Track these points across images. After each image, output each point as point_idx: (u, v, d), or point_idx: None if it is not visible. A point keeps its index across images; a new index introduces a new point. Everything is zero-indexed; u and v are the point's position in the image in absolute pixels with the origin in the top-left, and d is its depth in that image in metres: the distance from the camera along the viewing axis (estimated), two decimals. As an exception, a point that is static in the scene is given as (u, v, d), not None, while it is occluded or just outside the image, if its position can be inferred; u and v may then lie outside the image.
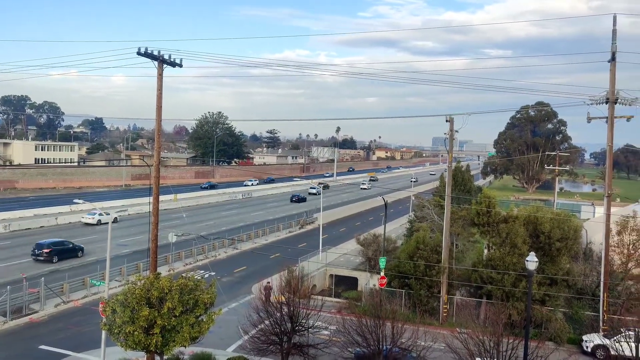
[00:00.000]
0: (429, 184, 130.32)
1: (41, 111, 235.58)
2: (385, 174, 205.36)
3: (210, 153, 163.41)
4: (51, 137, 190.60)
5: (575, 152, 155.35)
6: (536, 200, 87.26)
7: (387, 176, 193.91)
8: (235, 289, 42.40)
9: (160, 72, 26.14)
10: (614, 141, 32.22)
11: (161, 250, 35.43)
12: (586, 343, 31.58)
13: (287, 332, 24.87)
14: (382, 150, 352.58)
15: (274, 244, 61.00)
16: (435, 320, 35.62)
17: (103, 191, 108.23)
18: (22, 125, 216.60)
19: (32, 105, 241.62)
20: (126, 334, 19.94)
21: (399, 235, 60.17)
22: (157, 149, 27.10)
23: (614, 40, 30.98)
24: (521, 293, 33.04)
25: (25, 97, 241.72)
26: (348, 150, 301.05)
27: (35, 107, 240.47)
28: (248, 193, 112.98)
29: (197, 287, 21.62)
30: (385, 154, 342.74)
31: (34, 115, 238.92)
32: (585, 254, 43.27)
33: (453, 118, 35.55)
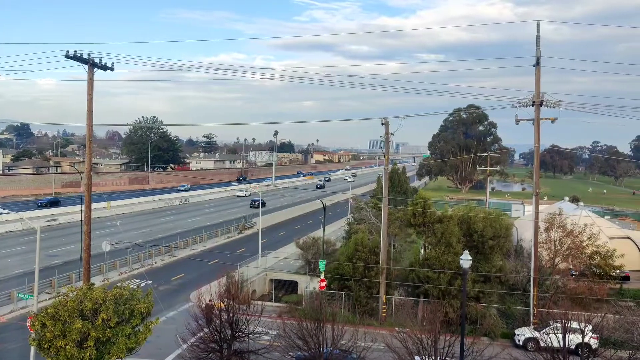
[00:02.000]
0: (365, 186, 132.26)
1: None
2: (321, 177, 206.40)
3: (145, 158, 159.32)
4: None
5: (505, 153, 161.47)
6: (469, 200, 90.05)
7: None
8: (173, 297, 41.51)
9: (91, 76, 25.34)
10: (540, 142, 33.64)
11: (95, 259, 34.29)
12: (518, 337, 32.82)
13: (227, 339, 24.58)
14: (320, 154, 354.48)
15: (213, 250, 60.11)
16: (375, 321, 36.07)
17: (31, 200, 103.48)
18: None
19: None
20: (57, 348, 19.17)
21: (338, 237, 60.64)
22: (88, 155, 26.22)
23: (538, 45, 32.42)
24: (457, 291, 33.97)
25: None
26: (286, 154, 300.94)
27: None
28: (185, 199, 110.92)
29: (133, 297, 21.08)
30: (324, 157, 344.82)
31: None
32: (516, 251, 45.00)
33: (389, 121, 36.16)
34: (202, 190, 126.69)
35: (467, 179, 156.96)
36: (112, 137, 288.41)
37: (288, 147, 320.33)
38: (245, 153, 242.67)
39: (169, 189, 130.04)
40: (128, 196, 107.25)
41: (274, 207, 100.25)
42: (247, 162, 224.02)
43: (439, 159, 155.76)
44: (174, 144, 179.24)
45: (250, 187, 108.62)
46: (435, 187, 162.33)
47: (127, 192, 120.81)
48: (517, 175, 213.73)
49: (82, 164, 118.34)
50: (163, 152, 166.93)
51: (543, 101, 32.22)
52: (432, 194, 59.95)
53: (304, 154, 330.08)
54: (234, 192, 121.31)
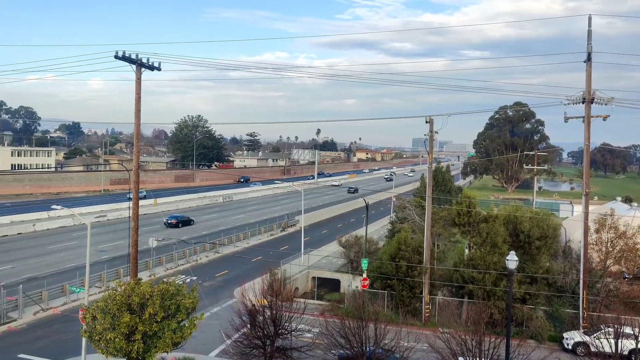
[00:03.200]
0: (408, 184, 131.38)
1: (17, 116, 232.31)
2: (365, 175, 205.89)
3: (190, 157, 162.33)
4: (27, 142, 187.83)
5: (553, 152, 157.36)
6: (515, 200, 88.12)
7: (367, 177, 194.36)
8: (217, 294, 42.13)
9: (139, 76, 25.91)
10: (590, 140, 32.61)
11: (142, 255, 35.16)
12: (567, 340, 31.94)
13: (270, 336, 24.77)
14: (362, 152, 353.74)
15: (256, 247, 60.77)
16: (418, 321, 35.75)
17: (81, 196, 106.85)
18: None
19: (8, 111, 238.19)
20: (107, 340, 19.68)
21: (381, 236, 60.33)
22: (135, 153, 26.84)
23: (589, 40, 31.42)
24: (502, 292, 33.31)
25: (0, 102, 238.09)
26: (329, 152, 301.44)
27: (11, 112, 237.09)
28: (229, 196, 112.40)
29: (178, 292, 21.42)
30: (366, 156, 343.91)
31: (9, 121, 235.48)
32: (564, 252, 43.77)
33: (433, 119, 35.74)
34: (245, 188, 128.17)
35: (513, 178, 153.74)
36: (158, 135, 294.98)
37: (330, 145, 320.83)
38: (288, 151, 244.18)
39: (213, 187, 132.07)
40: (174, 193, 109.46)
41: (316, 205, 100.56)
42: (290, 160, 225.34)
43: (484, 158, 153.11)
44: (218, 143, 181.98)
45: (292, 185, 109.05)
46: (480, 186, 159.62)
47: (173, 190, 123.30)
48: (565, 175, 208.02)
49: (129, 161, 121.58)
50: (208, 151, 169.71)
51: (594, 98, 31.23)
52: (477, 193, 58.88)
53: (347, 152, 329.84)
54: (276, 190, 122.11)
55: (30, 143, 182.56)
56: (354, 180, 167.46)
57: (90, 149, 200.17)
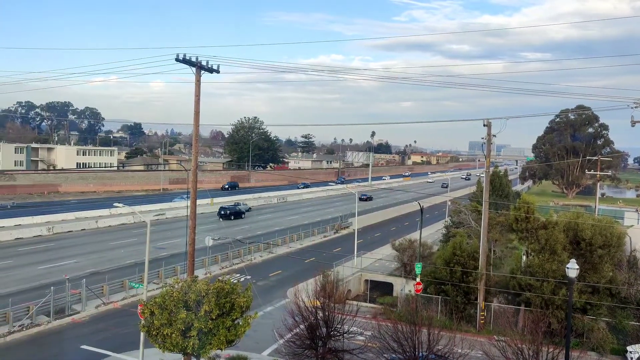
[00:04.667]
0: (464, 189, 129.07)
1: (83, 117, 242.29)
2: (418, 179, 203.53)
3: (246, 158, 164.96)
4: (92, 142, 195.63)
5: (617, 157, 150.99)
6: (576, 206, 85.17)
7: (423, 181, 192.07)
8: (270, 293, 42.59)
9: (198, 78, 26.52)
10: (659, 145, 31.25)
11: (198, 253, 35.95)
12: (631, 354, 30.61)
13: (322, 337, 24.83)
14: (417, 155, 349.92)
15: (309, 248, 61.10)
16: (472, 328, 35.08)
17: (142, 195, 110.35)
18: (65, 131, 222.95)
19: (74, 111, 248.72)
20: (164, 336, 20.23)
21: (435, 240, 59.52)
22: (194, 153, 27.49)
23: (659, 41, 30.08)
24: (561, 301, 32.26)
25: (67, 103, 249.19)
26: (383, 154, 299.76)
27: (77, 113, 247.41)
28: (283, 197, 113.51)
29: (233, 291, 21.77)
30: (421, 159, 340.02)
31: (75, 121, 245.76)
32: (629, 262, 41.93)
33: (490, 122, 35.04)
34: (300, 190, 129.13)
35: (574, 183, 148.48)
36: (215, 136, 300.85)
37: (385, 148, 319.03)
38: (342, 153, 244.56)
39: (268, 187, 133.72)
40: (230, 194, 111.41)
41: (370, 207, 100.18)
42: (344, 162, 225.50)
43: (543, 162, 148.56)
44: (274, 144, 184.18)
45: (347, 187, 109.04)
46: (539, 192, 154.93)
47: (229, 190, 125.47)
48: (630, 181, 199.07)
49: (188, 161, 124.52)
50: (263, 152, 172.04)
51: (663, 101, 29.86)
52: (536, 198, 57.27)
53: (401, 155, 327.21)
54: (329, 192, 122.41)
55: (94, 143, 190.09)
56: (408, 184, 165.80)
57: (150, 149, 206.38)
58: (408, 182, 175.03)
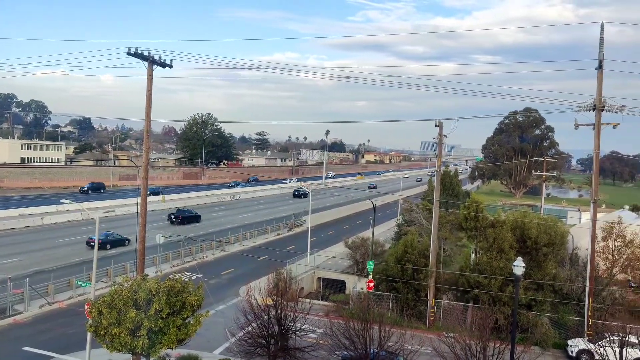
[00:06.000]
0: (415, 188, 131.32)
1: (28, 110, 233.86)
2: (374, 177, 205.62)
3: (199, 154, 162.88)
4: (38, 136, 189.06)
5: (562, 158, 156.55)
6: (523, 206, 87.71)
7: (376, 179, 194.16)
8: (222, 291, 42.25)
9: (150, 73, 26.04)
10: (600, 148, 32.49)
11: (148, 251, 35.28)
12: (571, 348, 31.83)
13: (274, 335, 24.82)
14: (371, 154, 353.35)
15: (262, 246, 60.89)
16: (423, 324, 35.73)
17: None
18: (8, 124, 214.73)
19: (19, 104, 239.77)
20: (112, 335, 19.81)
21: (387, 238, 60.28)
22: (145, 149, 26.98)
23: (601, 48, 31.31)
24: (508, 298, 33.21)
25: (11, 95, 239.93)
26: (337, 153, 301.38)
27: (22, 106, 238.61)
28: (236, 195, 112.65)
29: (184, 289, 21.53)
30: (374, 158, 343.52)
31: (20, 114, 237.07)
32: (571, 260, 43.59)
33: (442, 123, 35.71)
34: (253, 187, 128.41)
35: (521, 183, 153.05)
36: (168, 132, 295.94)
37: (339, 147, 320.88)
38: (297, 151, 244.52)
39: (221, 185, 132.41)
40: (182, 190, 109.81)
41: (323, 205, 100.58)
42: (298, 160, 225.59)
43: (492, 163, 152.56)
44: (227, 141, 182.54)
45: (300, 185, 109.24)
46: (488, 191, 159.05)
47: (181, 187, 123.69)
48: (574, 182, 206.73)
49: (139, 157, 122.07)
50: (216, 149, 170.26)
51: (605, 106, 31.11)
52: (485, 197, 58.82)
53: (355, 153, 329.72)
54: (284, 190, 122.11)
55: (40, 137, 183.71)
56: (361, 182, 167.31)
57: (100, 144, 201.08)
58: (361, 180, 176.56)
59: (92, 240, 52.33)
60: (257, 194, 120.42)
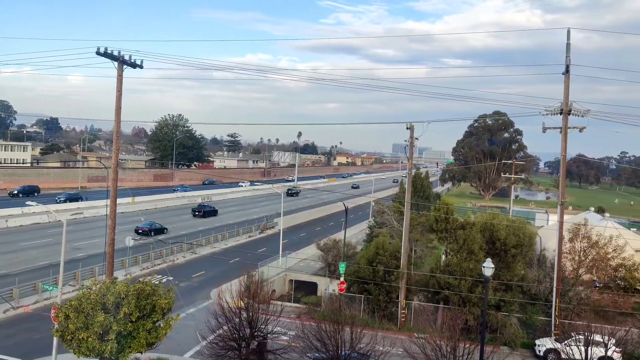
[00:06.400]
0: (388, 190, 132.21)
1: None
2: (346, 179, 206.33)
3: (169, 156, 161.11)
4: (2, 136, 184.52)
5: (530, 161, 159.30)
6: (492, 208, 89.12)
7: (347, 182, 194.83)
8: (193, 294, 41.85)
9: (120, 73, 25.71)
10: (567, 151, 33.15)
11: (118, 254, 34.79)
12: (539, 347, 32.40)
13: (245, 338, 24.70)
14: (343, 156, 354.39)
15: (234, 248, 60.49)
16: (394, 325, 35.95)
17: (58, 193, 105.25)
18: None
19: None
20: (79, 340, 19.46)
21: (359, 240, 60.53)
22: (115, 150, 26.61)
23: (568, 53, 31.99)
24: (477, 298, 33.65)
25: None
26: (309, 155, 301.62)
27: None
28: (208, 197, 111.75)
29: (154, 292, 21.29)
30: (346, 160, 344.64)
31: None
32: (539, 261, 44.40)
33: (413, 126, 36.01)
34: (225, 189, 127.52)
35: (490, 186, 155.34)
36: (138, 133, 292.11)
37: (311, 149, 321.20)
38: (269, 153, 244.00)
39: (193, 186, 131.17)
40: (152, 192, 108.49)
41: (296, 207, 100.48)
42: (270, 162, 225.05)
43: (462, 165, 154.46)
44: (199, 142, 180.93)
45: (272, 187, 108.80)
46: (458, 193, 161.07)
47: (152, 189, 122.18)
48: (541, 184, 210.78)
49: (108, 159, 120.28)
50: (187, 150, 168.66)
51: (571, 110, 31.77)
52: (455, 200, 59.58)
53: (327, 155, 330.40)
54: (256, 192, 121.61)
55: (5, 137, 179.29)
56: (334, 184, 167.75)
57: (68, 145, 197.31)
58: (333, 182, 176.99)
59: (140, 228, 64.03)
60: (228, 195, 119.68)
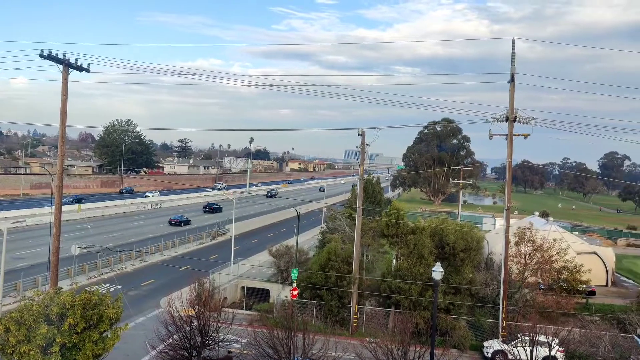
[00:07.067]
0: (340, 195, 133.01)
1: None
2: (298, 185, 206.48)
3: (118, 162, 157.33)
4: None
5: (477, 167, 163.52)
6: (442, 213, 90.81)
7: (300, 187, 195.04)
8: (143, 303, 40.92)
9: (66, 77, 25.01)
10: (512, 157, 34.17)
11: (63, 263, 33.65)
12: (487, 349, 33.15)
13: (196, 347, 24.34)
14: (295, 162, 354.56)
15: (184, 255, 59.48)
16: (346, 331, 36.09)
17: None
18: None
19: None
20: (21, 354, 18.73)
21: (311, 246, 60.57)
22: (60, 156, 25.81)
23: (513, 62, 33.03)
24: (427, 302, 34.18)
25: None
26: (261, 161, 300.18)
27: None
28: (157, 203, 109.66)
29: (101, 302, 20.73)
30: (299, 166, 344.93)
31: None
32: (486, 264, 45.50)
33: (365, 132, 36.35)
34: (175, 195, 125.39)
35: (440, 191, 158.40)
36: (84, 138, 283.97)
37: (263, 155, 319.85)
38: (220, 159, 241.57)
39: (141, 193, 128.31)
40: (100, 199, 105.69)
41: (248, 214, 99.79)
42: (222, 168, 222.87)
43: (412, 171, 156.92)
44: (148, 148, 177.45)
45: (224, 193, 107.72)
46: (408, 199, 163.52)
47: (99, 195, 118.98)
48: (488, 189, 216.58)
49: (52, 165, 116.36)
50: (136, 156, 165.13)
51: (516, 117, 32.78)
52: (406, 205, 60.39)
53: (279, 161, 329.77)
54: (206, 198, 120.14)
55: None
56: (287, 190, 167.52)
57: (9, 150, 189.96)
58: (286, 188, 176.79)
59: (174, 220, 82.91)
60: (179, 202, 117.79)
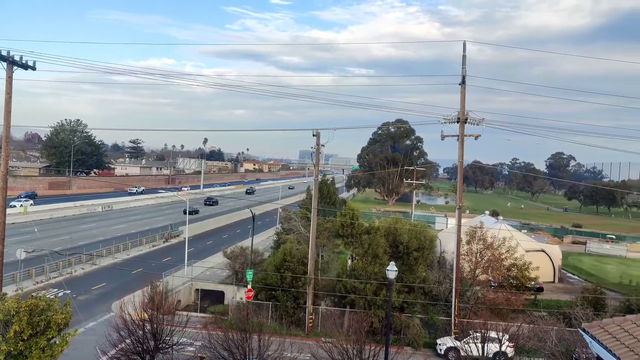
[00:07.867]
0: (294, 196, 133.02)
1: None
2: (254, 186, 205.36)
3: (66, 163, 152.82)
4: None
5: (430, 167, 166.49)
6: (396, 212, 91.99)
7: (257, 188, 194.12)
8: (93, 308, 39.91)
9: (10, 75, 24.16)
10: (464, 157, 34.92)
11: (8, 268, 32.52)
12: (440, 346, 33.78)
13: (150, 351, 23.92)
14: (250, 163, 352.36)
15: (137, 258, 58.30)
16: (302, 331, 36.11)
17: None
18: None
19: None
20: (-37, 362, 18.00)
21: (266, 247, 60.38)
22: (4, 157, 24.90)
23: (464, 64, 33.78)
24: (382, 301, 34.53)
25: None
26: (216, 162, 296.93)
27: None
28: (108, 205, 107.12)
29: (49, 307, 20.10)
30: (254, 167, 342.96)
31: None
32: (439, 263, 46.35)
33: (319, 132, 36.49)
34: (127, 197, 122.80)
35: (393, 191, 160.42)
36: (30, 139, 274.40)
37: (217, 155, 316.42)
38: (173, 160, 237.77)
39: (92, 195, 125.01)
40: (47, 201, 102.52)
41: (202, 215, 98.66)
42: (175, 169, 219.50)
43: (367, 171, 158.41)
44: (99, 149, 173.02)
45: (177, 194, 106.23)
46: (363, 199, 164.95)
47: (47, 197, 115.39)
48: (441, 189, 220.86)
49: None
50: (86, 157, 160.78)
51: (467, 118, 33.52)
52: (360, 205, 61.02)
53: (234, 162, 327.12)
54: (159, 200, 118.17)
55: None
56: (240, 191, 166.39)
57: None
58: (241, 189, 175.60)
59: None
60: (131, 204, 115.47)
